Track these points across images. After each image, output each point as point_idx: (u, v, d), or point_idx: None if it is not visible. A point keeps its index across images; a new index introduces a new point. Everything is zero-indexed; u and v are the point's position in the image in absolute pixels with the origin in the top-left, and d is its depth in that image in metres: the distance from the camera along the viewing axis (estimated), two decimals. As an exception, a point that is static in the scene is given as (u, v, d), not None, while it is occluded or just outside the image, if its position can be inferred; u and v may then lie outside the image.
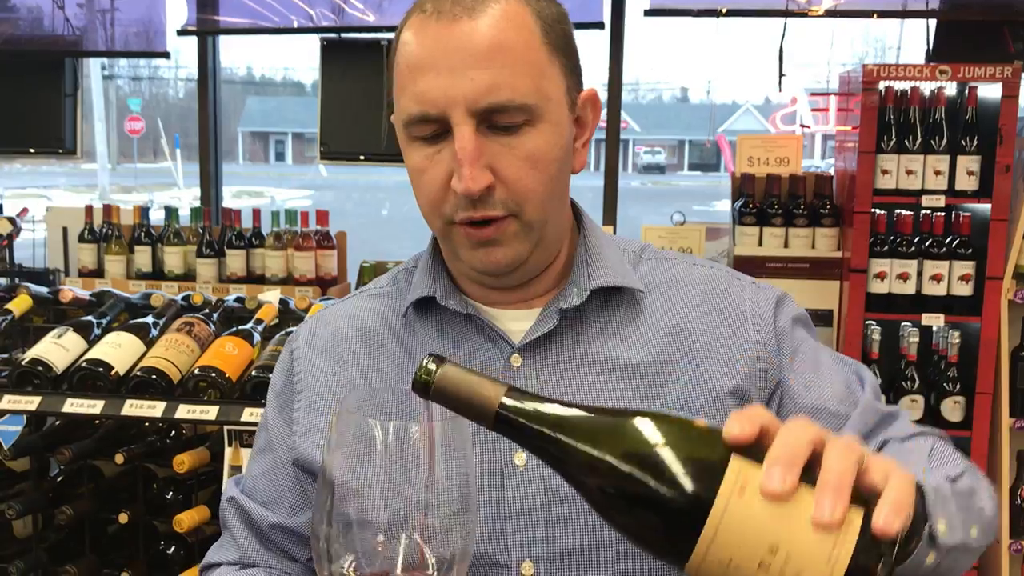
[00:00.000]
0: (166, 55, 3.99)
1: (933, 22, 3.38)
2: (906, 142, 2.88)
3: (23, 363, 2.01)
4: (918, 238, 2.94)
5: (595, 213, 1.21)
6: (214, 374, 1.96)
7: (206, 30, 3.79)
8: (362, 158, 3.70)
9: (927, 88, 2.91)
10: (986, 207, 2.85)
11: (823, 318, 3.06)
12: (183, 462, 1.91)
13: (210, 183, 3.92)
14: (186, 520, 1.89)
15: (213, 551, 1.11)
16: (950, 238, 2.92)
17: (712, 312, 1.02)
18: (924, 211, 2.94)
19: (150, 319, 2.14)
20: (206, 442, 2.09)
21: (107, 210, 3.46)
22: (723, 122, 38.21)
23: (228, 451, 1.93)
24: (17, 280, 2.99)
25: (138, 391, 1.98)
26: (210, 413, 1.92)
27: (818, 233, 3.06)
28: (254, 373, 1.97)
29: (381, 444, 0.69)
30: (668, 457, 0.62)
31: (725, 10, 3.37)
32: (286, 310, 2.30)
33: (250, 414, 1.91)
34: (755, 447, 0.63)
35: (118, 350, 2.03)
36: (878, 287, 2.92)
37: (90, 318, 2.16)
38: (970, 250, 2.88)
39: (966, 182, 2.86)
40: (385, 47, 3.58)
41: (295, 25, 3.74)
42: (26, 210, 3.88)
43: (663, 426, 0.64)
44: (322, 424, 1.03)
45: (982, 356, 2.86)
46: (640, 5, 3.40)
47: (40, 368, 2.00)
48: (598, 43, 3.43)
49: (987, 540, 0.88)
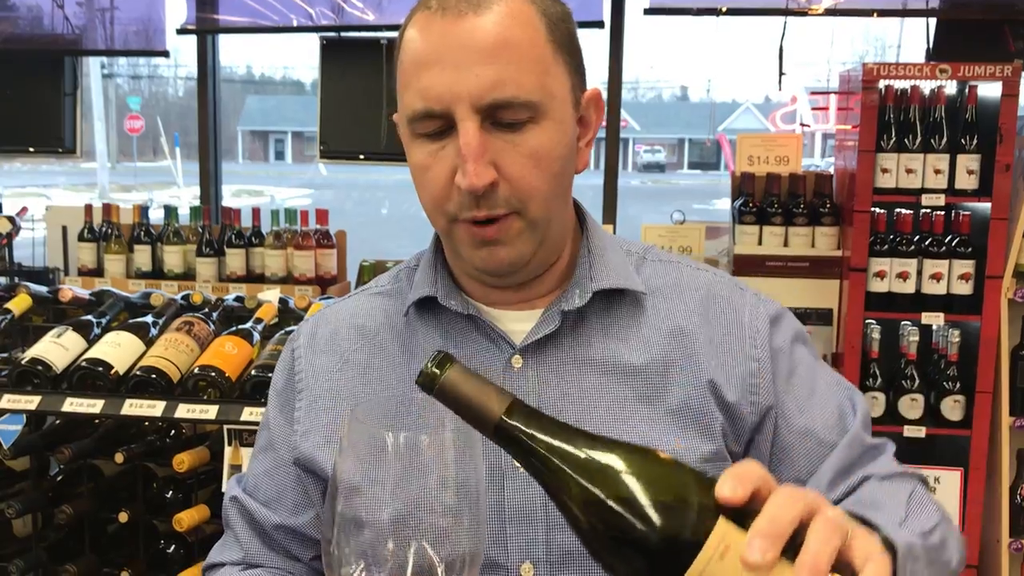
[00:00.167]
0: (166, 54, 3.99)
1: (933, 21, 3.38)
2: (906, 141, 2.88)
3: (23, 362, 2.01)
4: (918, 237, 2.94)
5: (595, 212, 1.21)
6: (214, 373, 1.96)
7: (206, 29, 3.79)
8: (362, 157, 3.70)
9: (927, 87, 2.91)
10: (986, 206, 2.85)
11: (823, 317, 3.06)
12: (183, 461, 1.91)
13: (210, 182, 3.92)
14: (186, 519, 1.89)
15: (216, 551, 1.10)
16: (950, 237, 2.92)
17: (712, 319, 1.02)
18: (924, 210, 2.94)
19: (150, 318, 2.14)
20: (206, 441, 2.09)
21: (107, 209, 3.46)
22: (723, 121, 38.19)
23: (228, 450, 1.93)
24: (16, 279, 2.98)
25: (138, 390, 1.98)
26: (210, 412, 1.92)
27: (818, 232, 3.06)
28: (254, 372, 1.97)
29: (392, 452, 0.69)
30: (657, 505, 0.63)
31: (725, 8, 3.37)
32: (286, 309, 2.30)
33: (250, 413, 1.91)
34: (745, 506, 0.64)
35: (118, 349, 2.02)
36: (878, 286, 2.92)
37: (90, 317, 2.16)
38: (970, 249, 2.88)
39: (966, 181, 2.86)
40: (385, 46, 3.58)
41: (295, 24, 3.73)
42: (26, 209, 3.88)
43: (658, 469, 0.65)
44: (323, 423, 1.03)
45: (982, 355, 2.86)
46: (640, 4, 3.39)
47: (40, 367, 2.00)
48: (598, 42, 3.44)
49: None
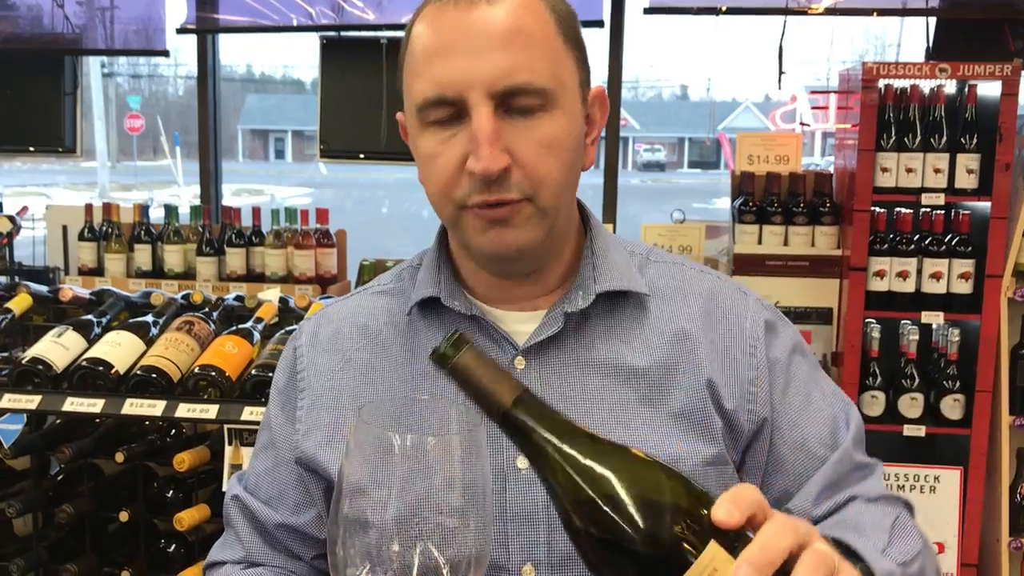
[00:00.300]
0: (166, 53, 3.99)
1: (933, 20, 3.38)
2: (906, 140, 2.88)
3: (23, 362, 2.02)
4: (918, 236, 2.94)
5: (595, 211, 1.21)
6: (214, 373, 1.96)
7: (206, 28, 3.79)
8: (362, 156, 3.70)
9: (927, 86, 2.91)
10: (986, 205, 2.85)
11: (823, 316, 3.06)
12: (183, 461, 1.92)
13: (210, 181, 3.92)
14: (186, 518, 1.89)
15: (217, 549, 1.10)
16: (950, 236, 2.92)
17: (714, 323, 1.02)
18: (924, 209, 2.94)
19: (150, 318, 2.14)
20: (206, 441, 2.09)
21: (107, 208, 3.46)
22: (723, 120, 38.18)
23: (228, 450, 1.93)
24: (17, 279, 2.98)
25: (138, 390, 1.98)
26: (210, 412, 1.92)
27: (818, 231, 3.06)
28: (254, 372, 1.98)
29: (398, 453, 0.69)
30: (650, 516, 0.63)
31: (725, 8, 3.37)
32: (286, 308, 2.30)
33: (250, 413, 1.91)
34: (739, 529, 0.64)
35: (118, 349, 2.03)
36: (878, 285, 2.92)
37: (90, 317, 2.16)
38: (970, 248, 2.88)
39: (966, 180, 2.86)
40: (385, 45, 3.58)
41: (295, 23, 3.73)
42: (26, 208, 3.88)
43: (657, 480, 0.65)
44: (325, 422, 1.03)
45: (982, 354, 2.86)
46: (640, 3, 3.39)
47: (40, 367, 2.00)
48: (598, 41, 3.43)
49: None
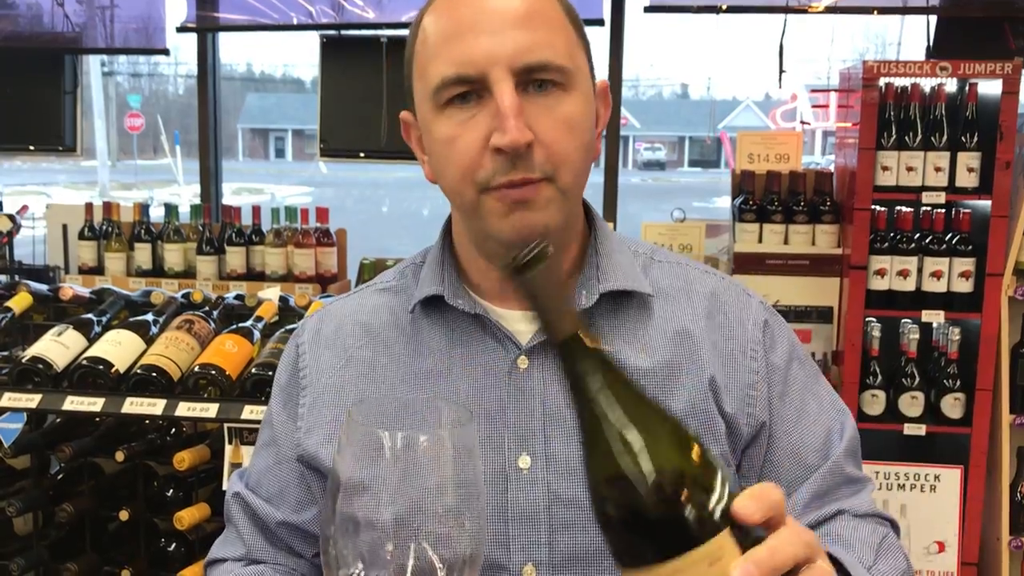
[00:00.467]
0: (166, 52, 3.99)
1: (934, 18, 3.38)
2: (906, 138, 2.88)
3: (23, 361, 2.02)
4: (918, 235, 2.94)
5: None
6: (214, 372, 1.96)
7: (206, 27, 3.79)
8: (362, 155, 3.70)
9: (927, 84, 2.91)
10: (986, 204, 2.85)
11: (823, 315, 3.06)
12: (183, 459, 1.92)
13: (210, 180, 3.92)
14: (186, 517, 1.89)
15: (218, 546, 1.11)
16: (950, 235, 2.92)
17: (717, 325, 1.02)
18: (924, 208, 2.94)
19: (150, 317, 2.14)
20: (206, 439, 2.09)
21: (107, 207, 3.46)
22: (723, 118, 38.16)
23: (228, 448, 1.93)
24: (17, 277, 2.98)
25: (138, 389, 1.98)
26: (210, 411, 1.92)
27: (818, 230, 3.06)
28: (254, 371, 1.97)
29: (390, 453, 0.69)
30: (676, 485, 0.63)
31: (725, 6, 3.37)
32: (286, 307, 2.30)
33: (250, 412, 1.91)
34: (753, 526, 0.64)
35: (118, 348, 2.03)
36: (878, 284, 2.92)
37: (90, 316, 2.16)
38: (970, 247, 2.88)
39: (966, 179, 2.86)
40: (385, 44, 3.58)
41: (295, 22, 3.73)
42: (26, 207, 3.88)
43: (689, 453, 0.64)
44: (326, 420, 1.02)
45: (982, 353, 2.86)
46: (640, 1, 3.39)
47: (40, 366, 2.00)
48: (598, 40, 3.43)
49: None
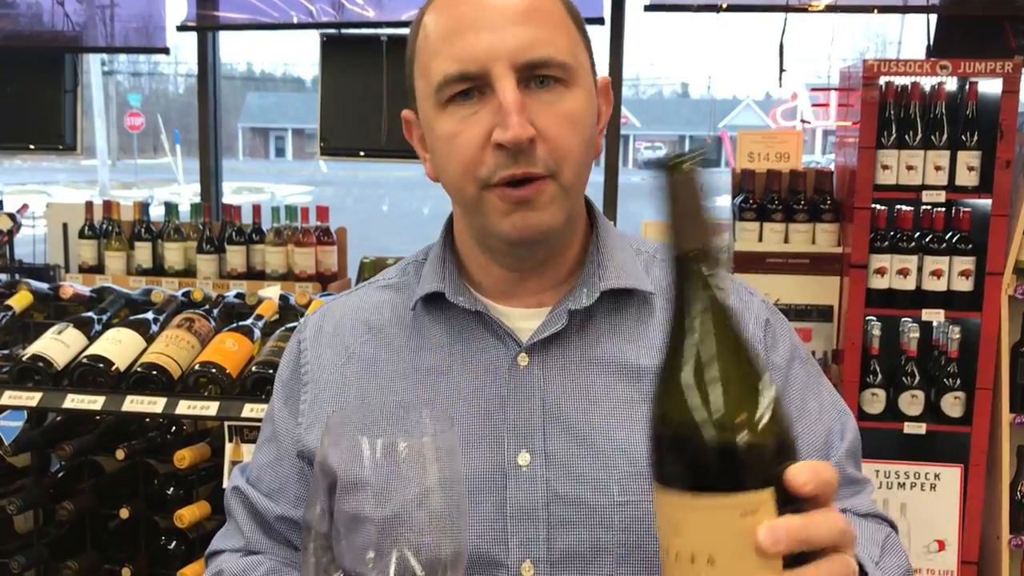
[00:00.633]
0: (166, 51, 3.99)
1: (934, 17, 3.38)
2: (906, 137, 2.88)
3: (24, 359, 2.02)
4: (918, 233, 2.94)
5: (595, 209, 1.20)
6: (214, 370, 1.96)
7: (206, 26, 3.79)
8: (362, 154, 3.71)
9: (927, 83, 2.91)
10: (986, 202, 2.85)
11: (823, 314, 3.06)
12: (184, 458, 1.92)
13: (210, 179, 3.92)
14: (187, 515, 1.89)
15: (219, 538, 1.11)
16: (950, 233, 2.92)
17: None
18: (924, 206, 2.94)
19: (150, 315, 2.14)
20: (207, 438, 2.09)
21: (107, 206, 3.46)
22: (723, 117, 38.16)
23: (229, 447, 1.93)
24: (17, 276, 2.99)
25: (139, 387, 1.98)
26: (210, 409, 1.92)
27: (818, 228, 3.06)
28: (254, 369, 1.98)
29: (369, 457, 0.68)
30: (743, 432, 0.62)
31: (725, 5, 3.37)
32: (286, 306, 2.30)
33: (250, 410, 1.91)
34: (798, 497, 0.64)
35: (119, 346, 2.03)
36: (878, 282, 2.92)
37: (90, 314, 2.16)
38: (970, 245, 2.88)
39: (966, 177, 2.86)
40: (385, 43, 3.58)
41: (295, 21, 3.73)
42: (26, 206, 3.89)
43: (764, 409, 0.64)
44: (327, 416, 1.03)
45: (982, 352, 2.86)
46: (640, 0, 3.39)
47: (41, 364, 2.01)
48: (598, 38, 3.43)
49: None
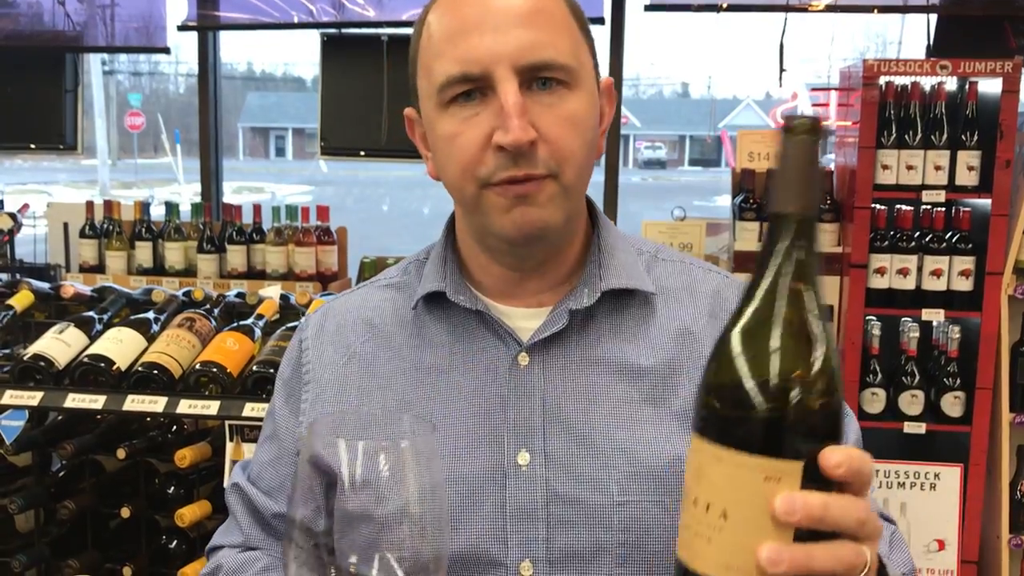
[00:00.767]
0: (166, 51, 4.00)
1: (934, 17, 3.38)
2: (906, 137, 2.88)
3: (25, 358, 2.02)
4: (918, 233, 2.94)
5: (595, 208, 1.20)
6: (215, 369, 1.97)
7: (206, 26, 3.79)
8: (362, 153, 3.71)
9: (927, 83, 2.91)
10: (986, 202, 2.85)
11: (823, 313, 3.06)
12: (185, 457, 1.92)
13: (211, 179, 3.92)
14: (188, 515, 1.89)
15: (219, 534, 1.12)
16: (950, 233, 2.92)
17: (719, 323, 1.02)
18: (924, 206, 2.94)
19: (151, 314, 2.14)
20: (207, 437, 2.10)
21: (108, 206, 3.47)
22: (724, 117, 38.18)
23: (229, 446, 1.93)
24: (18, 276, 2.99)
25: (139, 386, 1.98)
26: (211, 408, 1.93)
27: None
28: (255, 368, 1.98)
29: (348, 464, 0.68)
30: (789, 398, 0.62)
31: (725, 5, 3.37)
32: (287, 305, 2.30)
33: (251, 409, 1.91)
34: (828, 476, 0.63)
35: (119, 345, 2.03)
36: (878, 282, 2.92)
37: (91, 314, 2.16)
38: (970, 245, 2.88)
39: (966, 177, 2.86)
40: (385, 42, 3.58)
41: (295, 21, 3.74)
42: (27, 206, 3.89)
43: (824, 385, 0.63)
44: (329, 415, 1.03)
45: (982, 351, 2.86)
46: (640, 0, 3.39)
47: (42, 363, 2.01)
48: (599, 38, 3.42)
49: None
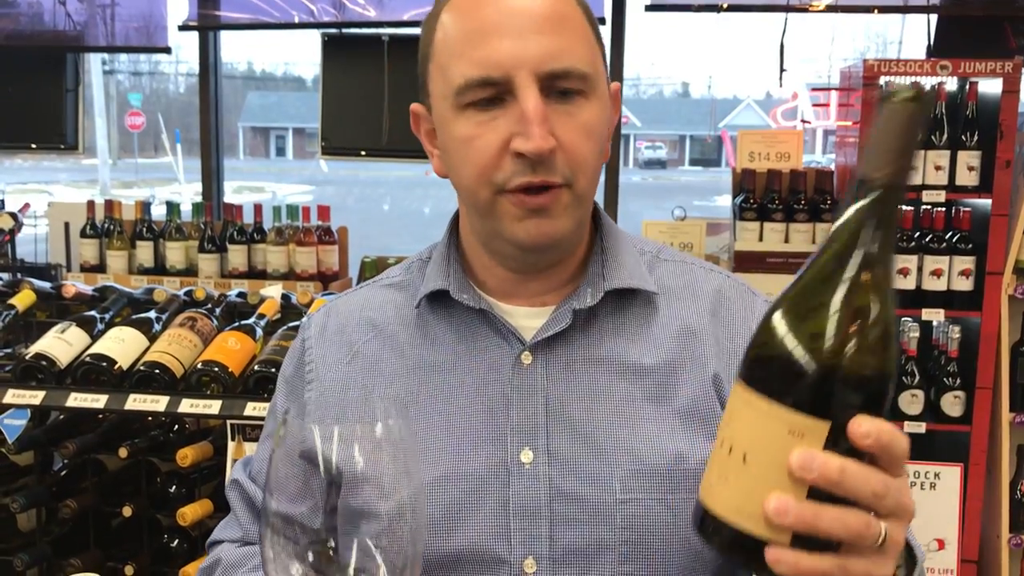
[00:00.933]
0: (167, 50, 4.00)
1: (934, 17, 3.38)
2: (907, 137, 2.88)
3: (27, 358, 2.02)
4: (918, 233, 2.95)
5: (596, 208, 1.20)
6: (217, 368, 1.97)
7: (207, 25, 3.79)
8: (363, 153, 3.71)
9: (928, 83, 2.92)
10: (986, 202, 2.85)
11: (823, 313, 3.06)
12: (186, 456, 1.92)
13: (211, 178, 3.92)
14: (189, 514, 1.89)
15: (219, 529, 1.13)
16: (950, 233, 2.93)
17: (721, 322, 1.02)
18: (924, 206, 2.95)
19: (153, 314, 2.15)
20: (209, 436, 2.10)
21: (109, 205, 3.47)
22: (724, 117, 38.17)
23: (231, 445, 1.93)
24: (19, 275, 3.00)
25: (141, 385, 1.99)
26: (213, 407, 1.93)
27: (819, 228, 3.07)
28: (257, 368, 1.98)
29: (324, 459, 0.68)
30: (835, 361, 0.62)
31: (726, 5, 3.37)
32: (288, 305, 2.30)
33: (253, 408, 1.92)
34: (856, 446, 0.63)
35: (121, 345, 2.03)
36: (878, 282, 2.92)
37: (93, 313, 2.16)
38: (970, 245, 2.89)
39: (966, 177, 2.86)
40: (386, 42, 3.58)
41: (296, 20, 3.74)
42: (28, 205, 3.89)
43: (874, 358, 0.63)
44: (331, 414, 1.04)
45: (982, 351, 2.87)
46: (641, 0, 3.40)
47: (44, 363, 2.01)
48: (599, 38, 3.43)
49: None
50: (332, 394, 1.04)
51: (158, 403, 1.94)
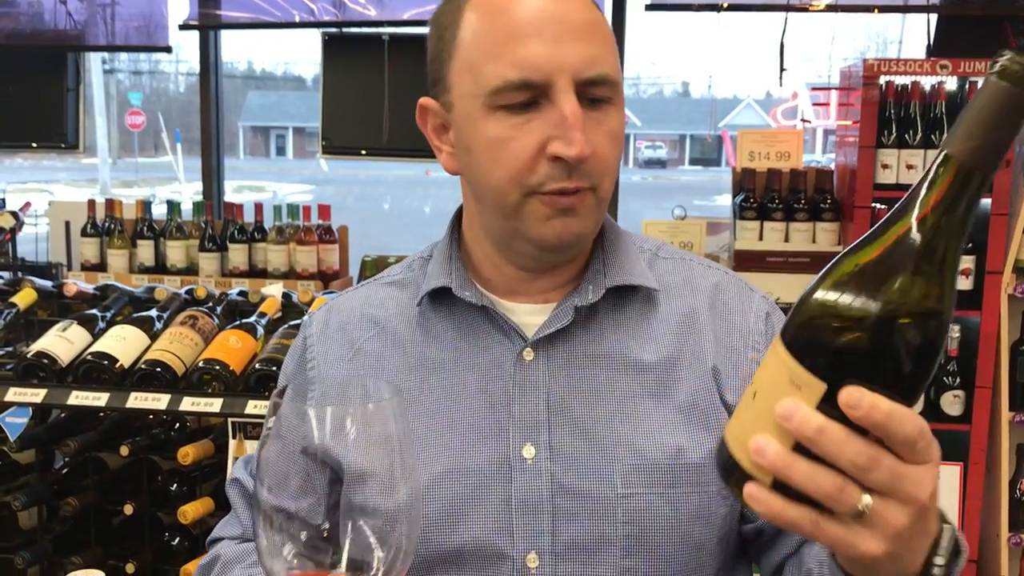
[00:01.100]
0: (168, 49, 4.00)
1: (934, 17, 3.38)
2: (907, 136, 2.89)
3: (28, 356, 2.03)
4: (918, 232, 2.95)
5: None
6: (218, 367, 1.97)
7: (208, 24, 3.80)
8: (363, 152, 3.71)
9: (928, 83, 2.92)
10: (986, 201, 2.85)
11: (823, 312, 3.07)
12: (187, 454, 1.93)
13: (212, 177, 3.93)
14: (190, 512, 1.90)
15: (220, 526, 1.14)
16: (950, 232, 2.93)
17: (719, 318, 1.03)
18: (924, 205, 2.95)
19: (154, 312, 2.15)
20: (210, 434, 2.10)
21: (109, 204, 3.47)
22: (724, 117, 38.16)
23: (232, 443, 1.94)
24: (20, 274, 3.00)
25: (143, 384, 1.99)
26: (214, 405, 1.93)
27: (819, 227, 3.07)
28: (258, 366, 1.99)
29: (318, 435, 0.68)
30: (861, 327, 0.60)
31: (726, 4, 3.38)
32: (289, 303, 2.31)
33: (254, 406, 1.92)
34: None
35: (123, 343, 2.04)
36: (878, 281, 2.92)
37: (94, 311, 2.17)
38: (970, 244, 2.89)
39: (966, 176, 2.86)
40: (387, 42, 3.58)
41: (296, 20, 3.74)
42: (29, 204, 3.90)
43: (889, 335, 0.60)
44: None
45: (982, 350, 2.87)
46: (641, 0, 3.40)
47: (45, 361, 2.01)
48: (599, 38, 3.43)
49: None
50: (334, 392, 1.04)
51: (159, 401, 1.94)
